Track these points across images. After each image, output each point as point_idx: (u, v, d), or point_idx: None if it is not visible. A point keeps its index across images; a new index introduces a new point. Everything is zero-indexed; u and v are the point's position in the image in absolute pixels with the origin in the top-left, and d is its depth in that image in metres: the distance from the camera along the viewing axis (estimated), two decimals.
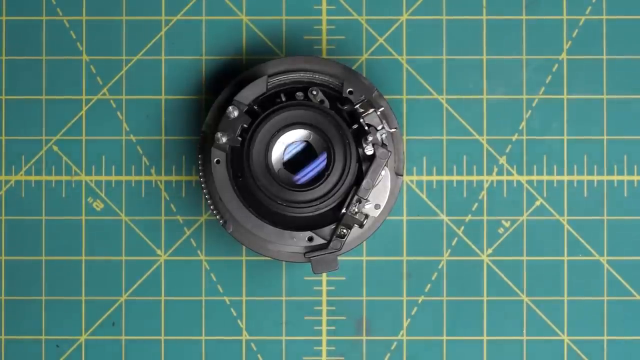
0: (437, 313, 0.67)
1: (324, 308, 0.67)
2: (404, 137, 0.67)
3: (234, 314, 0.67)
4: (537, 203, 0.67)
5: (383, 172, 0.62)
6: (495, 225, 0.67)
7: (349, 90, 0.63)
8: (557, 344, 0.67)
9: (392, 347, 0.67)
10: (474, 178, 0.67)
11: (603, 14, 0.68)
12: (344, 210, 0.62)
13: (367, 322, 0.67)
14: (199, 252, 0.68)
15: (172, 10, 0.68)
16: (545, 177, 0.67)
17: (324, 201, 0.62)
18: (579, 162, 0.67)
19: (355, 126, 0.62)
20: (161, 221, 0.68)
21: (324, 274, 0.67)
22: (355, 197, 0.62)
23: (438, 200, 0.67)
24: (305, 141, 0.63)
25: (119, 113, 0.68)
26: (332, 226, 0.62)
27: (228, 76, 0.67)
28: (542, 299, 0.67)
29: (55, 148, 0.68)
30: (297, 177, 0.63)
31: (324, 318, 0.67)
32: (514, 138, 0.68)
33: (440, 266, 0.67)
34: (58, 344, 0.67)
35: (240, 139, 0.62)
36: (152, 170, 0.68)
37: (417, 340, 0.67)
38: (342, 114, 0.62)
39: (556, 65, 0.68)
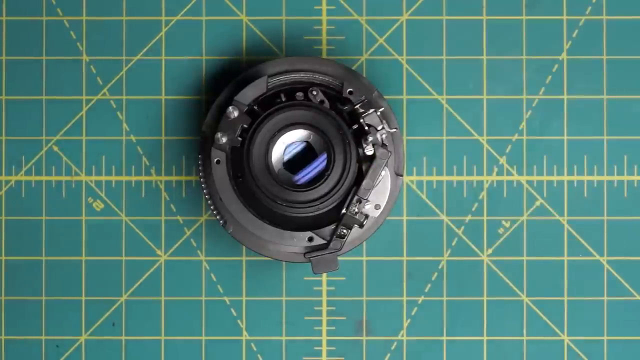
0: (437, 313, 0.67)
1: (324, 308, 0.67)
2: (404, 137, 0.67)
3: (234, 314, 0.67)
4: (537, 203, 0.67)
5: (383, 172, 0.62)
6: (495, 225, 0.67)
7: (349, 90, 0.63)
8: (557, 344, 0.67)
9: (392, 347, 0.67)
10: (474, 178, 0.68)
11: (603, 14, 0.68)
12: (344, 211, 0.62)
13: (367, 322, 0.67)
14: (199, 252, 0.68)
15: (172, 10, 0.68)
16: (545, 177, 0.67)
17: (324, 201, 0.62)
18: (579, 162, 0.67)
19: (355, 126, 0.62)
20: (161, 221, 0.68)
21: (324, 274, 0.67)
22: (356, 197, 0.62)
23: (438, 200, 0.67)
24: (305, 141, 0.63)
25: (119, 113, 0.68)
26: (332, 226, 0.62)
27: (228, 76, 0.67)
28: (542, 299, 0.67)
29: (55, 148, 0.68)
30: (297, 177, 0.63)
31: (324, 318, 0.67)
32: (514, 138, 0.68)
33: (440, 266, 0.67)
34: (58, 344, 0.67)
35: (240, 139, 0.62)
36: (152, 170, 0.68)
37: (417, 340, 0.67)
38: (342, 114, 0.62)
39: (556, 65, 0.68)
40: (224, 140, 0.62)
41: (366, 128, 0.62)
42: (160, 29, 0.68)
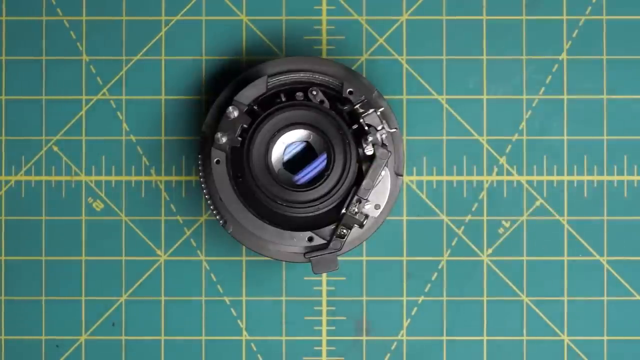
0: (437, 313, 0.67)
1: (324, 308, 0.67)
2: (404, 137, 0.67)
3: (234, 314, 0.67)
4: (537, 203, 0.67)
5: (383, 172, 0.62)
6: (495, 225, 0.67)
7: (349, 90, 0.63)
8: (557, 344, 0.67)
9: (392, 347, 0.67)
10: (474, 178, 0.67)
11: (603, 14, 0.68)
12: (344, 211, 0.62)
13: (367, 322, 0.67)
14: (199, 252, 0.68)
15: (172, 10, 0.68)
16: (545, 177, 0.67)
17: (324, 201, 0.62)
18: (579, 162, 0.67)
19: (355, 126, 0.62)
20: (161, 221, 0.68)
21: (324, 274, 0.67)
22: (355, 197, 0.62)
23: (438, 200, 0.67)
24: (305, 141, 0.63)
25: (119, 113, 0.68)
26: (332, 226, 0.62)
27: (228, 76, 0.67)
28: (542, 299, 0.67)
29: (55, 148, 0.68)
30: (297, 177, 0.63)
31: (324, 318, 0.67)
32: (514, 138, 0.68)
33: (440, 266, 0.67)
34: (58, 344, 0.67)
35: (240, 139, 0.62)
36: (152, 170, 0.68)
37: (417, 340, 0.67)
38: (342, 114, 0.62)
39: (556, 65, 0.68)
40: (224, 140, 0.62)
41: (366, 128, 0.62)
42: (160, 29, 0.68)
